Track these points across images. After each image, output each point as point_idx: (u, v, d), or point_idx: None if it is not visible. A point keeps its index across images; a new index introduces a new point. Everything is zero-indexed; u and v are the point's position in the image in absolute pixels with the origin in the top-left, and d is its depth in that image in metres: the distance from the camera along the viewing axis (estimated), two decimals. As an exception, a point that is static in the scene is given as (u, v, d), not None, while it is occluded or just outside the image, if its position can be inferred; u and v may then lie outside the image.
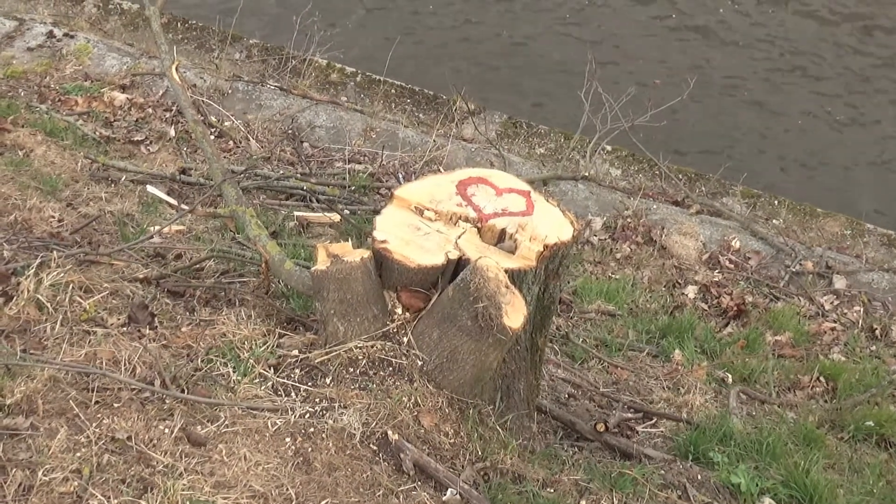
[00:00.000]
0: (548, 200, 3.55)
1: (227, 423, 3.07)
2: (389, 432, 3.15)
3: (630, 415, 4.47)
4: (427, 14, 10.14)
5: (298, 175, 6.35)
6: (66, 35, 7.69)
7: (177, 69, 4.49)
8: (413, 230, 3.35)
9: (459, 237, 3.34)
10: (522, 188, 3.60)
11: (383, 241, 3.27)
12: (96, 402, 3.02)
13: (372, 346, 3.32)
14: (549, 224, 3.42)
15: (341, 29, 9.33)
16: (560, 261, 3.47)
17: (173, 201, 5.59)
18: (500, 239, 3.40)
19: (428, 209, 3.43)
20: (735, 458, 4.12)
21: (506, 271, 3.18)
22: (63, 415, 2.94)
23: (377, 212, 3.54)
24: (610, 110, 7.29)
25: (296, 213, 5.77)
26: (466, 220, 3.42)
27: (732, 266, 6.60)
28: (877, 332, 6.17)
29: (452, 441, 3.29)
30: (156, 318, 3.61)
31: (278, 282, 4.08)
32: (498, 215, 3.43)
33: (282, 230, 5.49)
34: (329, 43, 8.25)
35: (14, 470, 2.70)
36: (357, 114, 7.46)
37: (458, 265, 3.26)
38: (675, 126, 8.23)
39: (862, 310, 6.34)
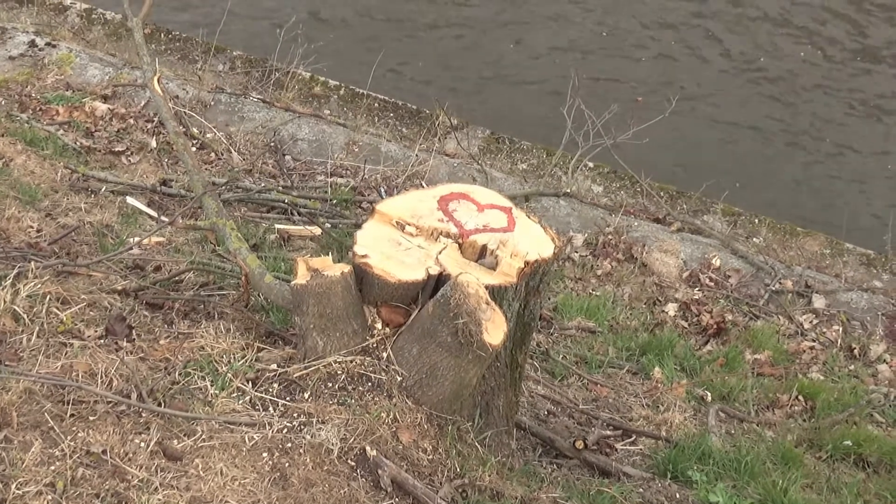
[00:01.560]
0: (529, 217, 3.56)
1: (203, 437, 3.04)
2: (367, 448, 3.14)
3: (609, 432, 4.46)
4: (411, 29, 10.16)
5: (280, 188, 6.34)
6: (48, 44, 7.66)
7: (159, 81, 4.47)
8: (394, 245, 3.35)
9: (440, 253, 3.33)
10: (504, 204, 3.61)
11: (364, 256, 3.26)
12: (72, 415, 2.99)
13: (351, 361, 3.30)
14: (530, 240, 3.42)
15: (325, 42, 9.33)
16: (541, 277, 3.47)
17: (153, 213, 5.56)
18: (482, 255, 3.40)
19: (409, 224, 3.42)
20: (713, 476, 4.12)
21: (486, 287, 3.17)
22: (38, 427, 2.91)
23: (358, 226, 3.53)
24: (592, 127, 7.32)
25: (277, 227, 5.75)
26: (448, 235, 3.41)
27: (713, 284, 6.62)
28: (855, 351, 6.20)
29: (431, 457, 3.27)
30: (133, 331, 3.58)
31: (258, 295, 4.06)
32: (479, 231, 3.43)
33: (262, 243, 5.47)
34: (312, 56, 8.25)
35: (-13, 483, 2.67)
36: (340, 127, 7.46)
37: (438, 281, 3.25)
38: (657, 143, 8.25)
39: (841, 329, 6.37)
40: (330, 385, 3.26)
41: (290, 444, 3.08)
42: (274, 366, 3.40)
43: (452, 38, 10.11)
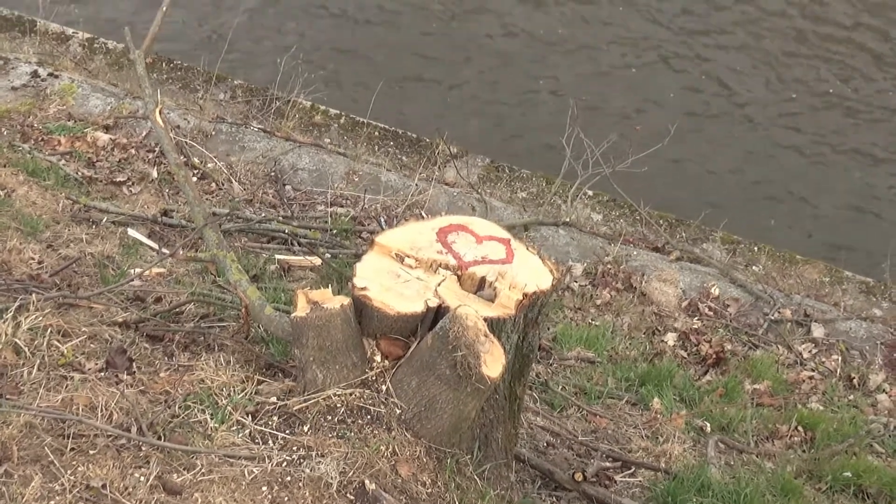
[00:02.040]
0: (528, 248, 3.57)
1: (203, 471, 3.04)
2: (366, 481, 3.14)
3: (608, 464, 4.46)
4: (412, 57, 10.22)
5: (280, 218, 6.36)
6: (50, 75, 7.71)
7: (160, 113, 4.50)
8: (393, 277, 3.36)
9: (439, 285, 3.34)
10: (502, 236, 3.62)
11: (363, 288, 3.28)
12: (72, 449, 2.99)
13: (350, 394, 3.30)
14: (529, 272, 3.43)
15: (326, 71, 9.39)
16: (539, 309, 3.48)
17: (154, 245, 5.58)
18: (480, 287, 3.41)
19: (408, 256, 3.44)
20: (713, 508, 4.13)
21: (485, 320, 3.18)
22: (38, 462, 2.91)
23: (358, 256, 3.55)
24: (591, 156, 7.36)
25: (277, 257, 5.76)
26: (446, 267, 3.42)
27: (712, 313, 6.63)
28: (854, 381, 6.21)
29: (430, 490, 3.27)
30: (134, 364, 3.59)
31: (258, 327, 4.07)
32: (478, 263, 3.45)
33: (263, 273, 5.49)
34: (313, 85, 8.31)
35: (-14, 518, 2.68)
36: (340, 157, 7.49)
37: (437, 313, 3.26)
38: (657, 171, 8.30)
39: (840, 358, 6.38)
40: (329, 418, 3.27)
41: (289, 478, 3.08)
42: (273, 398, 3.41)
43: (455, 67, 10.17)
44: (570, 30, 10.59)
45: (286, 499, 3.01)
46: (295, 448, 3.19)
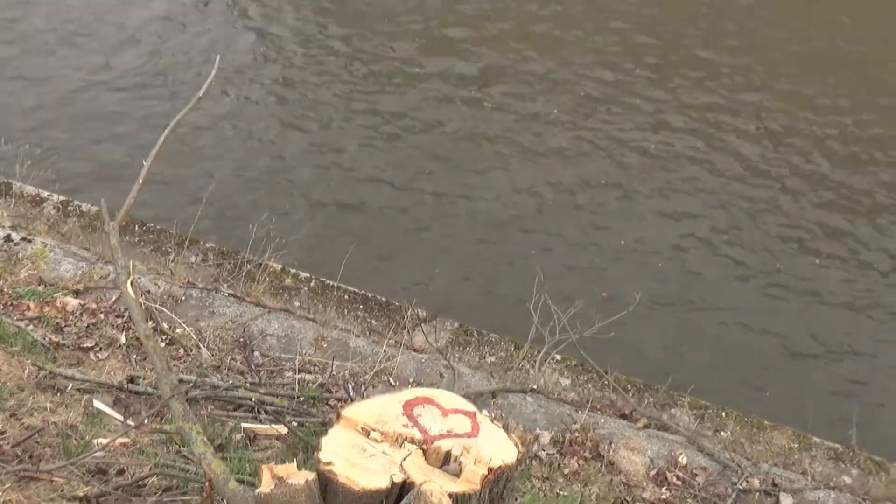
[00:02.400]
0: (493, 421, 3.62)
1: None
2: None
3: None
4: (381, 219, 10.44)
5: (248, 385, 6.34)
6: (23, 239, 7.79)
7: (132, 283, 4.56)
8: (359, 451, 3.37)
9: (405, 459, 3.36)
10: (468, 409, 3.66)
11: (328, 463, 3.28)
12: None
13: (313, 574, 3.26)
14: (494, 446, 3.46)
15: (297, 237, 9.55)
16: (505, 483, 3.49)
17: (118, 415, 5.54)
18: (446, 461, 3.42)
19: (374, 430, 3.46)
20: None
21: (450, 495, 3.19)
22: None
23: (325, 424, 3.56)
24: (558, 322, 7.45)
25: (243, 425, 5.73)
26: (412, 441, 3.45)
27: (680, 483, 6.59)
28: (824, 554, 6.16)
29: None
30: (92, 541, 3.54)
31: (222, 501, 4.02)
32: (443, 437, 3.47)
33: (228, 443, 5.44)
34: (284, 249, 8.43)
35: None
36: (309, 322, 7.53)
37: (403, 488, 3.26)
38: (624, 336, 8.40)
39: (810, 530, 6.33)
40: None
41: None
42: (234, 579, 3.36)
43: (425, 231, 10.38)
44: (555, 200, 10.89)
45: None
46: None
